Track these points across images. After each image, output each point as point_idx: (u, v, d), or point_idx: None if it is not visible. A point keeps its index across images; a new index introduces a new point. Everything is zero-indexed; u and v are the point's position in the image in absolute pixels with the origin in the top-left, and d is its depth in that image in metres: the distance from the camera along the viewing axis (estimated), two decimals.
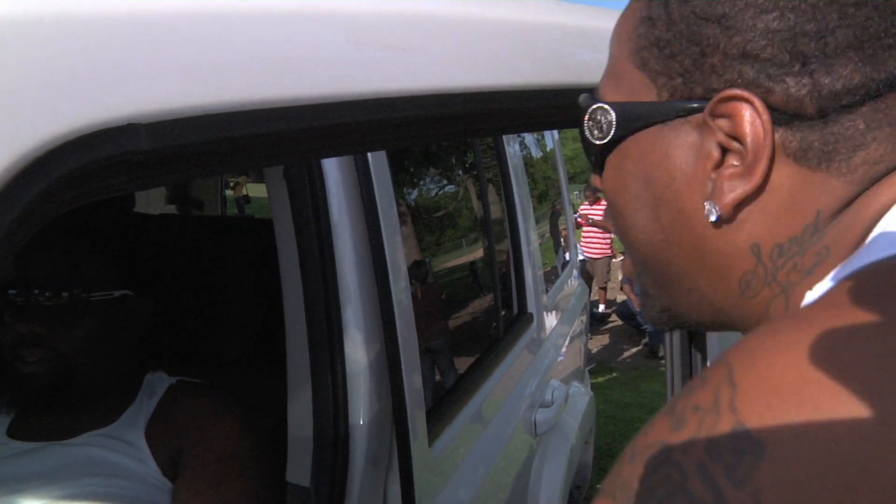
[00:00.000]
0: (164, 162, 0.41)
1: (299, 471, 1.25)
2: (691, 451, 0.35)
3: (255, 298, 1.69)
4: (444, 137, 1.43)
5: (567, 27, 0.71)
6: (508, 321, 2.43)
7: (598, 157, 0.55)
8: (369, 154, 1.30)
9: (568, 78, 0.67)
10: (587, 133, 0.54)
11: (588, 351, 3.85)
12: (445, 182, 2.39)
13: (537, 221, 2.93)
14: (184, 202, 2.98)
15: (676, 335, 1.67)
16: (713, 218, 0.49)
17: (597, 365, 6.46)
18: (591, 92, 0.56)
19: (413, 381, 1.38)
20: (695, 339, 1.54)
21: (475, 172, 2.42)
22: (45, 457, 1.27)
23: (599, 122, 0.53)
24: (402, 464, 1.26)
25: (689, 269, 0.52)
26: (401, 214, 1.55)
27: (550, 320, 2.79)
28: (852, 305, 0.38)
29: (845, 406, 0.34)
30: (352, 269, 1.28)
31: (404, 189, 1.94)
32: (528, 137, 3.33)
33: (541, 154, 3.80)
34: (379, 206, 1.29)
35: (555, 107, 0.66)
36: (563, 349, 2.87)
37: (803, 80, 0.45)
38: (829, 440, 0.33)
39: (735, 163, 0.47)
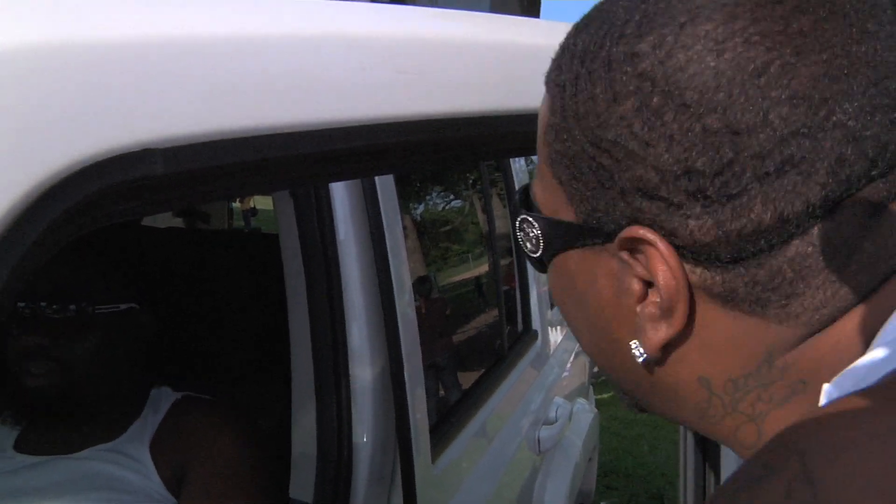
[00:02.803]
0: (179, 186, 0.42)
1: (302, 486, 1.25)
2: None
3: (260, 312, 1.70)
4: (459, 161, 1.45)
5: None
6: (513, 338, 2.43)
7: (537, 265, 0.50)
8: None
9: None
10: (521, 242, 0.49)
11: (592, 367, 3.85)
12: (451, 197, 2.40)
13: None
14: (190, 215, 2.99)
15: None
16: (639, 360, 0.43)
17: (600, 381, 6.44)
18: (527, 188, 0.50)
19: (417, 397, 1.39)
20: None
21: (480, 187, 2.43)
22: (50, 471, 1.27)
23: (528, 233, 0.48)
24: (406, 480, 1.26)
25: (641, 391, 0.48)
26: (406, 230, 1.56)
27: (555, 336, 2.79)
28: None
29: None
30: (357, 285, 1.28)
31: (410, 204, 1.95)
32: None
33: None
34: (384, 223, 1.30)
35: None
36: (568, 366, 2.87)
37: (706, 223, 0.39)
38: None
39: (655, 300, 0.41)
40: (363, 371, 1.28)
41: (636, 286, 0.42)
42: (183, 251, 1.83)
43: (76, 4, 0.42)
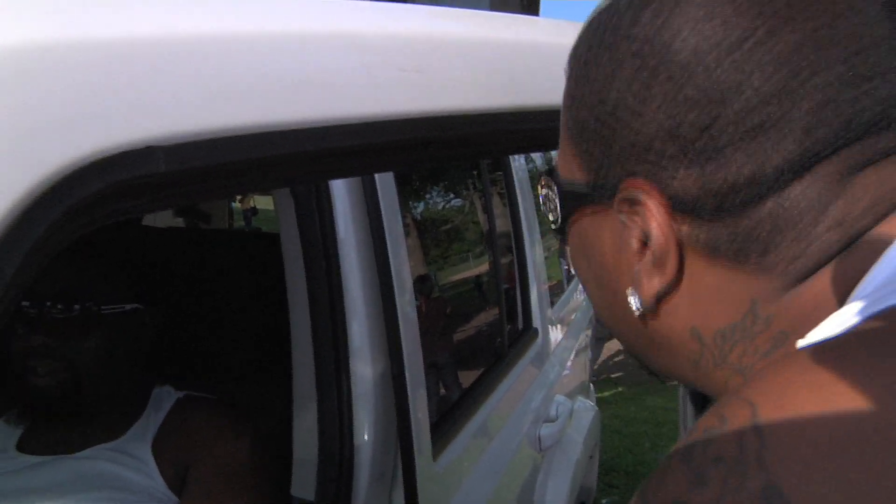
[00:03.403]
0: (182, 184, 0.42)
1: (304, 485, 1.25)
2: None
3: (262, 312, 1.70)
4: (458, 158, 1.45)
5: None
6: (513, 336, 2.43)
7: (559, 231, 0.54)
8: None
9: None
10: (543, 209, 0.55)
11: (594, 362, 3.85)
12: (451, 196, 2.40)
13: (543, 235, 2.93)
14: (191, 215, 2.99)
15: None
16: (634, 309, 0.47)
17: (601, 379, 6.45)
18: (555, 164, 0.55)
19: (418, 395, 1.39)
20: None
21: (481, 186, 2.43)
22: (53, 470, 1.27)
23: (549, 198, 0.53)
24: (407, 478, 1.26)
25: (641, 346, 0.52)
26: (406, 228, 1.56)
27: (556, 335, 2.79)
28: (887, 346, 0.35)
29: None
30: (357, 284, 1.28)
31: (410, 203, 1.95)
32: None
33: (547, 167, 3.81)
34: (385, 221, 1.30)
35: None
36: (569, 364, 2.87)
37: (693, 173, 0.43)
38: None
39: (651, 254, 0.45)
40: (364, 369, 1.28)
41: (635, 242, 0.46)
42: (184, 251, 1.83)
43: (78, 2, 0.43)
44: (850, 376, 0.33)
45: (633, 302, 0.47)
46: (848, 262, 0.42)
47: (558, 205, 0.52)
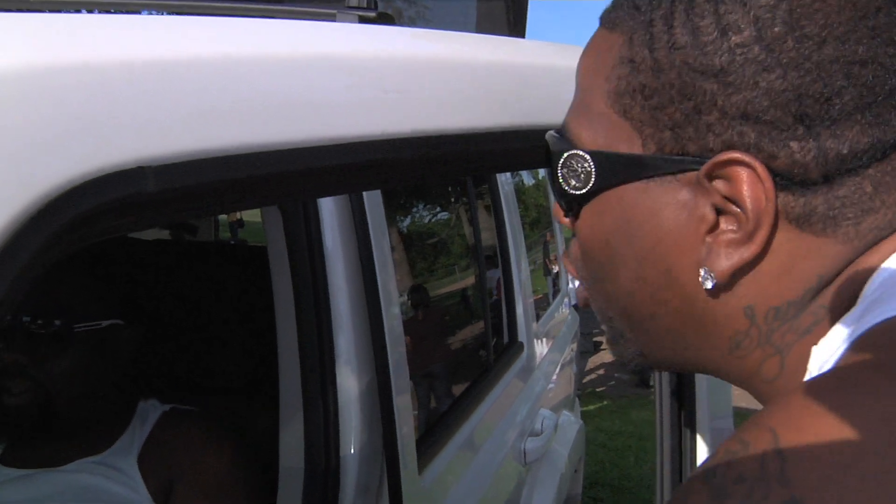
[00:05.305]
0: (170, 203, 0.43)
1: (290, 499, 1.25)
2: None
3: (249, 325, 1.70)
4: (442, 177, 1.46)
5: (560, 69, 0.73)
6: (499, 350, 2.44)
7: (571, 205, 0.50)
8: None
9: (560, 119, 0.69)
10: (560, 181, 0.49)
11: (579, 377, 3.86)
12: (437, 209, 2.41)
13: (528, 249, 2.95)
14: (177, 227, 2.99)
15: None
16: (709, 285, 0.45)
17: (586, 393, 6.47)
18: (559, 131, 0.51)
19: (404, 409, 1.39)
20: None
21: (467, 200, 2.45)
22: (37, 483, 1.26)
23: (576, 170, 0.48)
24: (392, 492, 1.27)
25: (675, 326, 0.49)
26: (393, 242, 1.57)
27: (541, 348, 2.80)
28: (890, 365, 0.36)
29: None
30: (344, 297, 1.29)
31: (397, 216, 1.96)
32: None
33: (532, 181, 3.84)
34: (371, 235, 1.31)
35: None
36: (554, 377, 2.88)
37: (808, 145, 0.41)
38: None
39: (732, 227, 0.44)
40: (350, 382, 1.28)
41: (710, 214, 0.44)
42: (169, 263, 1.83)
43: (68, 27, 0.44)
44: (860, 399, 0.34)
45: (707, 278, 0.44)
46: None
47: (593, 180, 0.47)
